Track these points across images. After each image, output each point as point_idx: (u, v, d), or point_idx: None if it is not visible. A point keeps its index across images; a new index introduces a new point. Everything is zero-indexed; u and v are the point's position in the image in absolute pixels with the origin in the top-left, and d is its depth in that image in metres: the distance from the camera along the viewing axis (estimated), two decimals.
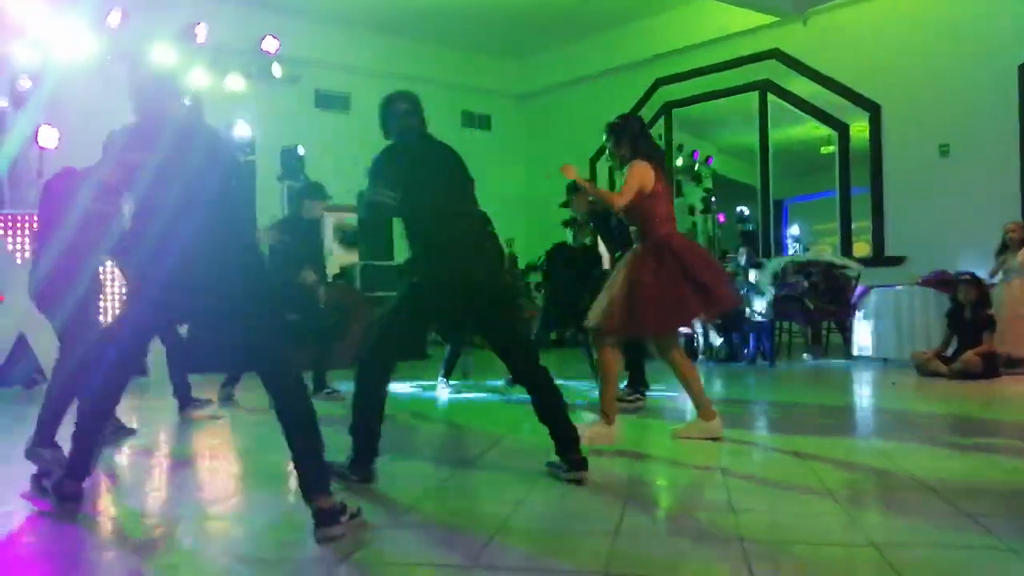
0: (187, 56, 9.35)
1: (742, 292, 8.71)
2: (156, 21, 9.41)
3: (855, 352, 8.73)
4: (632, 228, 4.31)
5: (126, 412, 4.88)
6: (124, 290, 4.44)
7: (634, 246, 4.29)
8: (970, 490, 3.11)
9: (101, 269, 4.67)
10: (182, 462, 4.17)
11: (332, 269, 10.53)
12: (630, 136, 4.29)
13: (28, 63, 8.65)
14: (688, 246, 4.34)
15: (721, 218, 14.02)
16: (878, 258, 9.97)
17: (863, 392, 6.78)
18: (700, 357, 9.02)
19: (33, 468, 3.30)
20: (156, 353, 6.24)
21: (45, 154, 8.43)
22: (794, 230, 14.15)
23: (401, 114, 3.62)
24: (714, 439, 4.19)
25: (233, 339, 3.12)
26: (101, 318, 5.37)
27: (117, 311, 4.52)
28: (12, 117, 8.48)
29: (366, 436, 3.37)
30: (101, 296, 5.17)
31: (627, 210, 4.20)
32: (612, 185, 12.46)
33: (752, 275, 8.99)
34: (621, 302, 4.08)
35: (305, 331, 6.20)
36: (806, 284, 8.86)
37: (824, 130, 11.02)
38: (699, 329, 9.02)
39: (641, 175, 4.15)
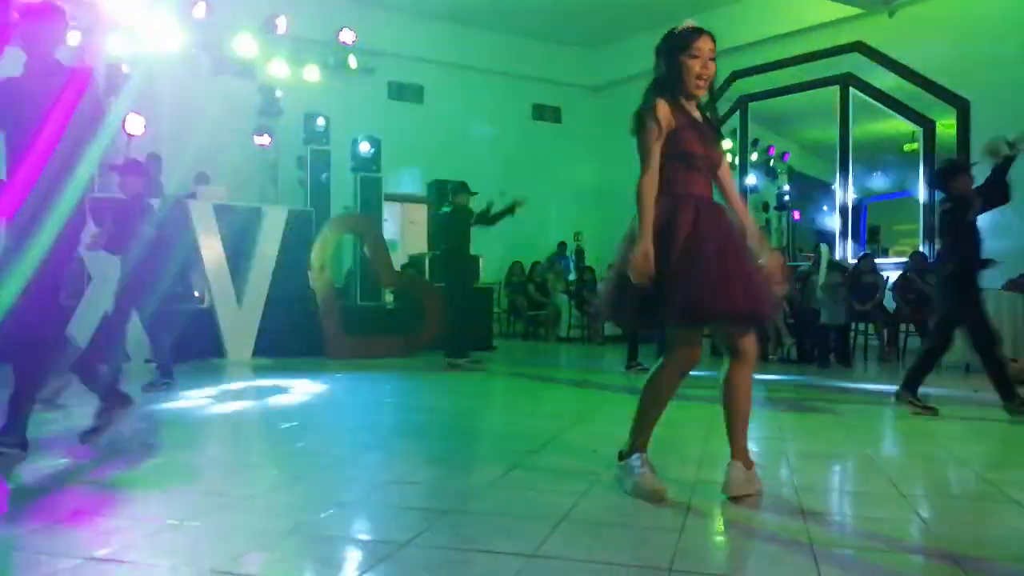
0: (268, 47, 9.60)
1: (818, 293, 8.48)
2: (239, 13, 9.70)
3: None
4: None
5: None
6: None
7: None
8: None
9: None
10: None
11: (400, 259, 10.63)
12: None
13: (120, 54, 9.01)
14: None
15: (796, 215, 13.68)
16: None
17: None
18: (771, 357, 8.84)
19: None
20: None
21: (132, 141, 8.79)
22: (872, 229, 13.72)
23: None
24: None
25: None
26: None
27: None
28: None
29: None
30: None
31: None
32: None
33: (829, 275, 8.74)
34: None
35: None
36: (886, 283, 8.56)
37: (908, 126, 10.63)
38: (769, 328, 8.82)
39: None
